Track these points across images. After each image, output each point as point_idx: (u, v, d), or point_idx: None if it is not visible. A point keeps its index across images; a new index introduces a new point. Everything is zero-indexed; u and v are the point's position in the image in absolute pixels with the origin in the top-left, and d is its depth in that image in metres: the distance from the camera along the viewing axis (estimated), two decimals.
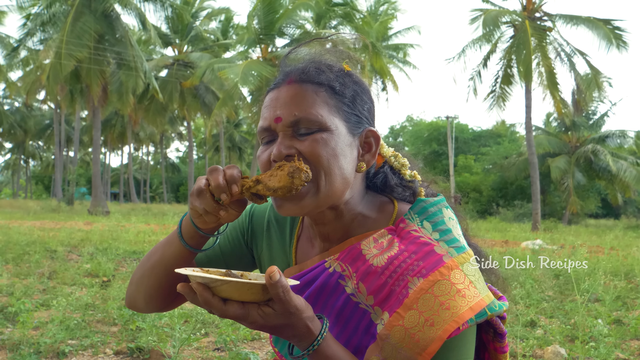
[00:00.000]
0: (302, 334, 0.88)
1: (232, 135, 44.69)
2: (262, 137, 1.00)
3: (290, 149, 0.95)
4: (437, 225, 1.02)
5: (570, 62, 20.40)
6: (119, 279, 6.07)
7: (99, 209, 22.27)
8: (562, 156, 27.27)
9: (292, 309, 0.85)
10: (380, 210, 1.07)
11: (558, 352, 3.48)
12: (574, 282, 5.27)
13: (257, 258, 1.19)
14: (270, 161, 0.97)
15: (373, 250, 1.00)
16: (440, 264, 0.95)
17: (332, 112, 0.97)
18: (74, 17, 20.90)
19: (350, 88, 1.01)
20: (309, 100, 0.97)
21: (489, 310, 0.96)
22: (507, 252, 9.41)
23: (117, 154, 62.88)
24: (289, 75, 1.01)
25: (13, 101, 43.94)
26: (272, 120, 0.97)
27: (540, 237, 14.01)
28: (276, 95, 0.99)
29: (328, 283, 1.02)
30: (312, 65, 1.01)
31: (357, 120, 1.01)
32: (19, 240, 9.02)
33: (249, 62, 21.69)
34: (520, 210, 27.76)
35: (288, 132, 0.96)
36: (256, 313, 0.84)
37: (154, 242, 9.99)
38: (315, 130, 0.95)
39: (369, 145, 1.03)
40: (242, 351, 3.32)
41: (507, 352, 1.11)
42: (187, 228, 1.02)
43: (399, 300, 0.94)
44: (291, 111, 0.96)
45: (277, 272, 0.81)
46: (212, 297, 0.83)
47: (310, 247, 1.11)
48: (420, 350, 0.91)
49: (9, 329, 3.96)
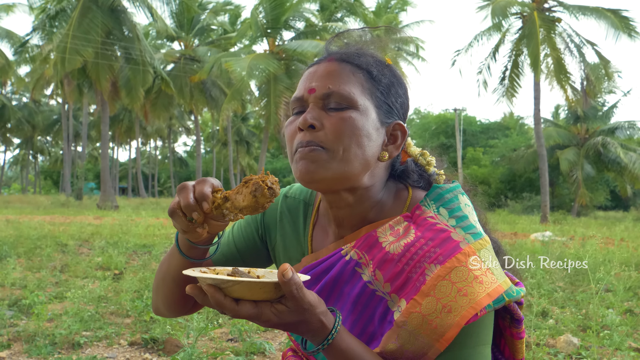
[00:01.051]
0: (316, 329, 0.88)
1: (240, 129, 44.74)
2: (294, 107, 1.03)
3: (316, 120, 0.96)
4: (453, 212, 1.01)
5: (580, 52, 20.23)
6: (130, 272, 6.11)
7: (108, 203, 22.39)
8: (571, 148, 27.11)
9: (305, 305, 0.84)
10: (396, 197, 1.07)
11: (570, 341, 3.48)
12: (589, 271, 5.25)
13: (272, 250, 1.19)
14: (297, 130, 0.99)
15: (389, 238, 1.00)
16: (457, 250, 0.95)
17: (365, 94, 0.99)
18: (81, 12, 20.94)
19: (387, 77, 1.03)
20: (345, 78, 0.98)
21: (506, 296, 0.95)
22: (517, 244, 9.39)
23: (125, 149, 63.19)
24: (331, 54, 1.04)
25: (21, 97, 44.19)
26: (305, 90, 1.00)
27: (550, 229, 13.95)
28: (315, 69, 1.02)
29: (344, 271, 1.02)
30: (354, 48, 1.04)
31: (387, 110, 1.02)
32: (30, 234, 9.10)
33: (255, 55, 21.67)
34: (528, 203, 27.66)
35: (318, 104, 0.98)
36: (269, 311, 0.83)
37: (164, 235, 10.05)
38: (344, 107, 0.97)
39: (395, 137, 1.04)
40: (256, 341, 3.34)
41: (524, 337, 1.10)
42: (183, 241, 1.01)
43: (415, 287, 0.94)
44: (325, 84, 0.98)
45: (290, 270, 0.81)
46: (224, 298, 0.82)
47: (325, 236, 1.11)
48: (438, 336, 0.91)
49: (24, 321, 4.00)
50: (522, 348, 1.11)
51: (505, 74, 21.37)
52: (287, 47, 22.27)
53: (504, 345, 1.13)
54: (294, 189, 1.20)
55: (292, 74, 22.05)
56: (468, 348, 0.94)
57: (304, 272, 1.07)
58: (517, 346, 1.10)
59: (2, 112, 39.18)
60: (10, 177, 68.87)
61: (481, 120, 42.52)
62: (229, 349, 3.37)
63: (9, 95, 41.78)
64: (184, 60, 29.10)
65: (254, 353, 3.30)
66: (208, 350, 3.34)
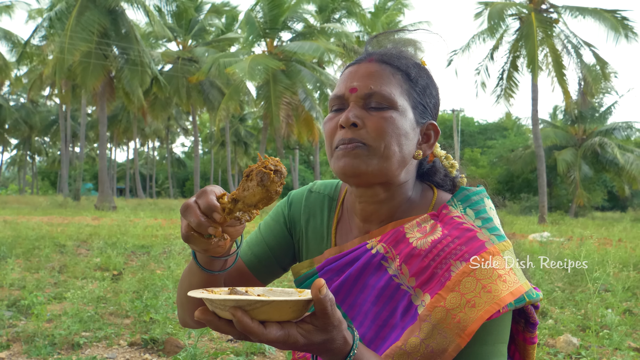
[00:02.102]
0: (338, 346, 0.83)
1: (238, 129, 44.72)
2: (333, 105, 1.05)
3: (358, 119, 0.99)
4: (479, 213, 1.05)
5: (577, 53, 20.29)
6: (129, 272, 6.11)
7: (106, 204, 22.36)
8: (568, 149, 27.17)
9: (335, 322, 0.79)
10: (422, 196, 1.11)
11: (570, 341, 3.48)
12: (586, 272, 5.26)
13: (297, 243, 1.20)
14: (337, 126, 1.01)
15: (416, 234, 1.02)
16: (482, 249, 0.97)
17: (404, 95, 1.03)
18: (79, 12, 20.91)
19: (423, 79, 1.07)
20: (385, 79, 1.02)
21: (527, 296, 0.97)
22: (515, 245, 9.38)
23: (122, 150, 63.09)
24: (371, 55, 1.06)
25: (18, 97, 44.10)
26: (347, 89, 1.02)
27: (548, 230, 13.98)
28: (356, 69, 1.04)
29: (370, 264, 1.04)
30: (394, 50, 1.08)
31: (423, 110, 1.06)
32: (28, 235, 9.09)
33: (254, 56, 21.68)
34: (526, 203, 27.71)
35: (360, 103, 1.01)
36: (296, 332, 0.77)
37: (162, 236, 10.04)
38: (385, 107, 1.00)
39: (428, 136, 1.08)
40: None
41: (536, 342, 1.11)
42: (202, 257, 0.98)
43: (440, 282, 0.96)
44: (367, 84, 1.01)
45: (325, 286, 0.76)
46: (252, 321, 0.74)
47: (348, 230, 1.13)
48: (460, 330, 0.93)
49: (23, 322, 3.99)
50: (534, 354, 1.12)
51: (503, 75, 21.41)
52: (286, 48, 22.28)
53: (514, 350, 1.14)
54: (318, 185, 1.22)
55: (291, 75, 22.06)
56: (488, 345, 0.96)
57: (327, 263, 1.09)
58: (528, 351, 1.10)
59: (0, 112, 39.11)
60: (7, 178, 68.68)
61: (479, 121, 42.59)
62: (229, 349, 3.37)
63: (6, 95, 41.66)
64: (182, 61, 29.08)
65: (254, 353, 3.30)
66: (209, 351, 3.34)
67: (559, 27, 20.66)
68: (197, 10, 30.65)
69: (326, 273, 1.09)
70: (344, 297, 1.07)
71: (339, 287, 1.07)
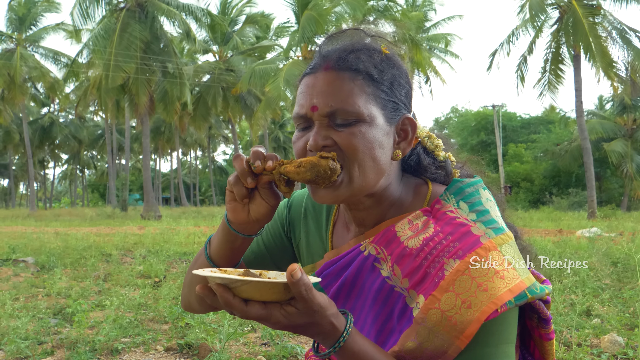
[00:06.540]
0: (327, 331, 0.86)
1: (277, 135, 45.18)
2: (298, 124, 0.98)
3: (327, 139, 0.93)
4: (474, 206, 0.99)
5: (624, 39, 19.47)
6: (170, 279, 6.23)
7: (151, 213, 22.98)
8: (618, 140, 26.16)
9: (315, 307, 0.82)
10: (416, 192, 1.05)
11: (615, 340, 3.33)
12: (637, 268, 5.02)
13: (296, 247, 1.19)
14: (306, 149, 0.96)
15: (408, 232, 0.98)
16: (477, 245, 0.92)
17: (369, 101, 0.94)
18: (121, 29, 21.63)
19: (388, 73, 0.98)
20: (346, 90, 0.93)
21: (529, 292, 0.92)
22: (561, 241, 9.09)
23: (166, 160, 64.78)
24: (326, 59, 0.97)
25: (67, 114, 45.96)
26: (308, 108, 0.95)
27: (598, 225, 13.45)
28: (312, 81, 0.97)
29: (364, 266, 1.01)
30: (350, 50, 0.97)
31: (394, 107, 0.98)
32: (76, 245, 9.42)
33: (290, 64, 21.82)
34: (575, 199, 26.77)
35: (324, 122, 0.94)
36: (279, 313, 0.82)
37: (204, 243, 10.20)
38: (352, 122, 0.93)
39: (405, 132, 1.00)
40: (287, 345, 3.34)
41: (553, 338, 1.06)
42: (226, 228, 1.02)
43: (434, 282, 0.92)
44: (327, 101, 0.93)
45: (299, 270, 0.79)
46: (233, 298, 0.80)
47: (345, 232, 1.10)
48: (458, 333, 0.89)
49: (67, 329, 4.13)
50: (552, 350, 1.07)
51: (546, 67, 20.81)
52: None
53: (534, 347, 1.10)
54: None
55: None
56: (490, 346, 0.91)
57: (325, 268, 1.07)
58: (546, 348, 1.06)
59: (51, 129, 40.89)
60: (60, 192, 71.68)
61: (521, 115, 41.42)
62: (261, 353, 3.38)
63: (55, 113, 43.51)
64: (219, 71, 29.60)
65: (286, 357, 3.30)
66: (241, 355, 3.36)
67: (602, 14, 19.91)
68: (230, 25, 31.10)
69: (325, 278, 1.07)
70: (344, 302, 1.05)
71: (337, 292, 1.05)
